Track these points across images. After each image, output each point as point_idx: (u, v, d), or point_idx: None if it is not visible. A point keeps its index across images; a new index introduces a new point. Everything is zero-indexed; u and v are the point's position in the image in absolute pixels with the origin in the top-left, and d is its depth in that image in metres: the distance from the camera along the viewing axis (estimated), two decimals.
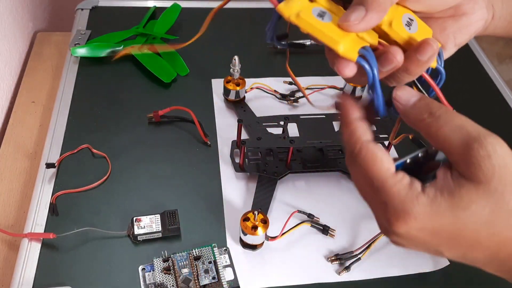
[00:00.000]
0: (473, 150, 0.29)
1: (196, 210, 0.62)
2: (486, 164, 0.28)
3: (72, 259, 0.56)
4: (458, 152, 0.30)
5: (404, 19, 0.36)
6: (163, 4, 0.93)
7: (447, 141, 0.30)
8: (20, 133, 0.76)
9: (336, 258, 0.58)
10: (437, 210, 0.29)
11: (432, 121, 0.31)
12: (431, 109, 0.32)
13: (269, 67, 0.84)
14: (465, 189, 0.29)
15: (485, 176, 0.28)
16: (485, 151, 0.29)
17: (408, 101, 0.33)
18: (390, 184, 0.31)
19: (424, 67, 0.34)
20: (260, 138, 0.66)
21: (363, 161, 0.32)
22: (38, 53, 0.90)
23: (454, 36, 0.39)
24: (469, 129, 0.30)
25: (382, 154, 0.32)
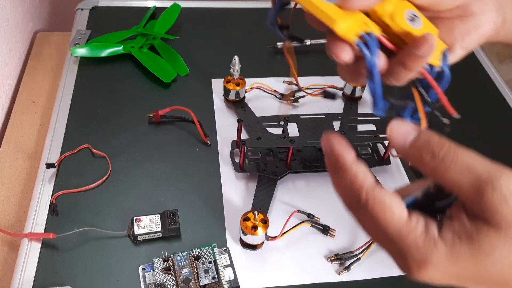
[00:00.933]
0: (487, 194, 0.26)
1: (196, 210, 0.62)
2: (504, 209, 0.26)
3: (72, 259, 0.56)
4: (470, 197, 0.27)
5: (408, 14, 0.35)
6: (163, 4, 0.93)
7: (456, 186, 0.28)
8: (20, 133, 0.76)
9: (336, 258, 0.58)
10: (457, 257, 0.28)
11: (436, 165, 0.28)
12: (433, 149, 0.29)
13: (269, 67, 0.84)
14: (484, 234, 0.27)
15: (505, 220, 0.26)
16: (499, 194, 0.26)
17: (405, 141, 0.30)
18: (405, 233, 0.29)
19: (420, 62, 0.33)
20: (260, 138, 0.66)
21: (372, 211, 0.29)
22: (38, 53, 0.90)
23: (462, 37, 0.38)
24: (478, 170, 0.27)
25: (390, 200, 0.29)
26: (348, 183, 0.30)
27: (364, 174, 0.30)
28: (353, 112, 0.75)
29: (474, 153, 0.28)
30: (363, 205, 0.29)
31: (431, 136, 0.29)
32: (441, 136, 0.29)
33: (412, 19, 0.35)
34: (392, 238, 0.29)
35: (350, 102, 0.77)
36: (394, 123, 0.30)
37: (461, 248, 0.27)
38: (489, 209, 0.26)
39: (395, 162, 0.69)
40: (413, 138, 0.30)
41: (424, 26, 0.35)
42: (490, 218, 0.27)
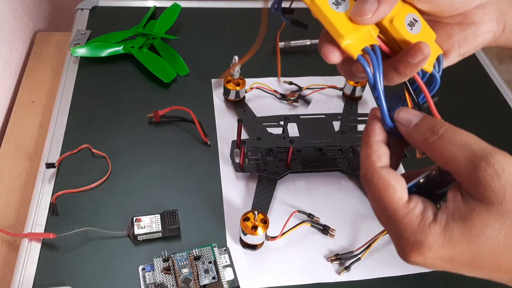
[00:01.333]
0: (480, 169, 0.28)
1: (196, 210, 0.62)
2: (496, 184, 0.27)
3: (72, 259, 0.56)
4: (465, 172, 0.29)
5: (408, 19, 0.35)
6: (163, 4, 0.93)
7: (453, 161, 0.29)
8: (20, 133, 0.76)
9: (336, 258, 0.58)
10: (450, 238, 0.29)
11: (436, 141, 0.30)
12: (433, 127, 0.31)
13: (269, 67, 0.84)
14: (477, 212, 0.28)
15: (496, 197, 0.27)
16: (493, 169, 0.27)
17: (410, 122, 0.32)
18: (402, 214, 0.30)
19: (414, 69, 0.33)
20: (260, 138, 0.66)
21: (375, 188, 0.31)
22: (38, 53, 0.90)
23: (459, 45, 0.38)
24: (474, 147, 0.29)
25: (395, 182, 0.31)
26: (364, 157, 0.33)
27: (380, 155, 0.32)
28: (353, 112, 0.75)
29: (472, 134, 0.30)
30: (368, 180, 0.32)
31: (434, 119, 0.32)
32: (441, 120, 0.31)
33: (411, 24, 0.35)
34: (390, 217, 0.31)
35: (350, 102, 0.77)
36: (402, 109, 0.33)
37: (454, 229, 0.29)
38: (482, 184, 0.28)
39: None
40: (418, 120, 0.32)
41: (422, 31, 0.35)
42: (483, 195, 0.28)
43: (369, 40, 0.33)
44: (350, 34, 0.32)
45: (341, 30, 0.32)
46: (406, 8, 0.36)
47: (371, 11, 0.32)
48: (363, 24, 0.32)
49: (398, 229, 0.30)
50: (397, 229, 0.31)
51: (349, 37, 0.32)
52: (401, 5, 0.36)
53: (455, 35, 0.38)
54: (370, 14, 0.32)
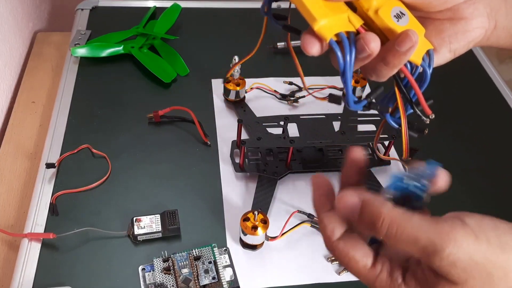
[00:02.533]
0: (436, 264, 0.28)
1: (196, 210, 0.62)
2: (455, 272, 0.27)
3: (72, 259, 0.56)
4: (423, 262, 0.29)
5: (394, 11, 0.35)
6: (163, 4, 0.93)
7: (408, 254, 0.30)
8: (20, 133, 0.76)
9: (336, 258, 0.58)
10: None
11: (385, 239, 0.29)
12: (375, 224, 0.29)
13: (269, 67, 0.84)
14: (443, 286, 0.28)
15: (459, 280, 0.28)
16: (446, 261, 0.27)
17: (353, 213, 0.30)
18: (371, 280, 0.31)
19: (402, 59, 0.33)
20: (260, 138, 0.66)
21: (339, 259, 0.32)
22: (38, 53, 0.90)
23: (450, 40, 0.38)
24: (423, 242, 0.28)
25: (354, 252, 0.31)
26: (322, 232, 0.33)
27: (332, 228, 0.32)
28: (353, 112, 0.75)
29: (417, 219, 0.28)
30: (331, 253, 0.33)
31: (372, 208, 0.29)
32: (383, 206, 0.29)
33: (398, 16, 0.35)
34: (362, 281, 0.32)
35: None
36: (342, 194, 0.31)
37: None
38: (441, 273, 0.28)
39: (395, 162, 0.69)
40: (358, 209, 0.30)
41: (410, 24, 0.35)
42: (446, 277, 0.28)
43: (346, 27, 0.33)
44: (324, 18, 0.32)
45: (315, 13, 0.32)
46: (393, 1, 0.35)
47: None
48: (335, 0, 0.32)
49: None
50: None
51: (322, 20, 0.32)
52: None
53: (445, 31, 0.38)
54: None
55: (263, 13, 0.39)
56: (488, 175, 0.70)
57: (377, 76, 0.35)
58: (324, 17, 0.32)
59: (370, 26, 0.35)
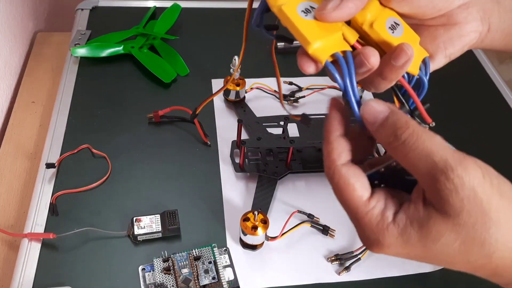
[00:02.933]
0: (439, 183, 0.28)
1: (196, 210, 0.62)
2: (454, 199, 0.27)
3: (72, 259, 0.56)
4: (425, 182, 0.29)
5: (389, 22, 0.35)
6: (163, 4, 0.93)
7: (415, 169, 0.29)
8: (20, 133, 0.76)
9: (336, 258, 0.58)
10: (407, 241, 0.30)
11: (398, 146, 0.30)
12: (397, 131, 0.30)
13: (269, 67, 0.84)
14: (433, 220, 0.29)
15: (454, 210, 0.28)
16: (452, 184, 0.27)
17: (375, 120, 0.31)
18: (361, 213, 0.31)
19: (399, 72, 0.33)
20: (260, 138, 0.66)
21: (336, 186, 0.32)
22: (38, 53, 0.90)
23: (445, 46, 0.38)
24: (436, 158, 0.28)
25: (354, 180, 0.31)
26: (325, 154, 0.33)
27: (340, 152, 0.32)
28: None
29: (439, 138, 0.29)
30: (330, 179, 0.32)
31: (399, 117, 0.30)
32: (410, 118, 0.30)
33: (393, 27, 0.35)
34: (350, 214, 0.32)
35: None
36: (369, 102, 0.32)
37: (411, 233, 0.29)
38: (441, 197, 0.28)
39: None
40: (383, 117, 0.31)
41: (405, 34, 0.35)
42: (441, 206, 0.28)
43: (341, 46, 0.32)
44: (317, 40, 0.31)
45: (308, 36, 0.31)
46: (386, 12, 0.35)
47: (334, 5, 0.32)
48: (326, 21, 0.32)
49: (359, 226, 0.32)
50: (358, 226, 0.32)
51: (316, 42, 0.31)
52: (381, 10, 0.35)
53: (440, 37, 0.38)
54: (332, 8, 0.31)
55: (255, 27, 0.39)
56: None
57: (375, 89, 0.35)
58: (318, 39, 0.31)
59: (365, 39, 0.35)
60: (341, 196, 0.32)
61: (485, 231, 0.28)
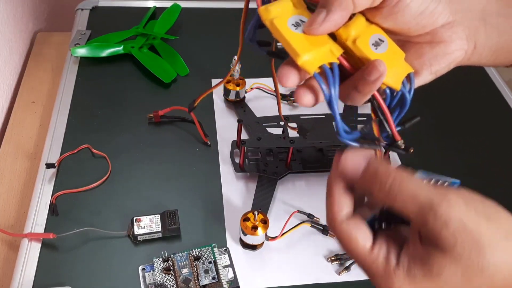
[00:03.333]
0: (429, 222, 0.29)
1: (196, 210, 0.62)
2: (445, 233, 0.29)
3: (72, 259, 0.56)
4: (416, 222, 0.30)
5: (373, 39, 0.35)
6: (163, 4, 0.93)
7: (404, 213, 0.31)
8: (20, 133, 0.76)
9: (336, 258, 0.58)
10: (414, 280, 0.30)
11: (384, 196, 0.31)
12: (380, 180, 0.31)
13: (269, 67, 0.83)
14: (433, 256, 0.30)
15: (448, 244, 0.29)
16: (439, 220, 0.29)
17: (357, 172, 0.33)
18: (368, 262, 0.32)
19: (372, 87, 0.34)
20: (260, 138, 0.66)
21: (339, 239, 0.33)
22: (38, 53, 0.90)
23: (430, 63, 0.39)
24: (421, 199, 0.30)
25: (356, 232, 0.32)
26: (327, 207, 0.34)
27: (341, 206, 0.33)
28: (353, 112, 0.75)
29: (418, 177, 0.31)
30: (332, 231, 0.34)
31: (378, 166, 0.32)
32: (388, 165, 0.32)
33: (377, 43, 0.35)
34: (359, 264, 0.33)
35: None
36: (346, 154, 0.33)
37: (415, 271, 0.30)
38: (434, 234, 0.29)
39: (394, 161, 0.69)
40: (363, 168, 0.32)
41: (389, 50, 0.35)
42: (437, 241, 0.29)
43: (329, 58, 0.34)
44: (307, 52, 0.33)
45: (297, 48, 0.33)
46: (372, 28, 0.36)
47: (321, 20, 0.33)
48: (314, 34, 0.33)
49: (369, 274, 0.33)
50: (368, 274, 0.33)
51: (305, 54, 0.33)
52: (367, 26, 0.36)
53: (425, 54, 0.38)
54: (318, 23, 0.33)
55: (248, 41, 0.40)
56: (488, 175, 0.70)
57: (351, 101, 0.36)
58: (307, 52, 0.33)
59: (349, 54, 0.35)
60: (346, 248, 0.33)
61: (482, 258, 0.28)
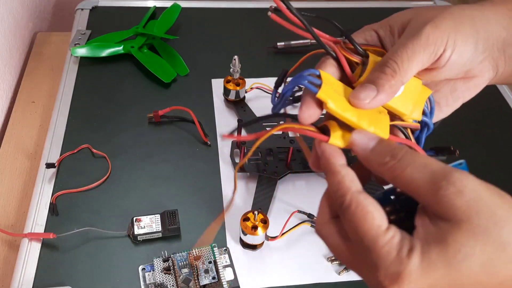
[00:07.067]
0: (442, 189, 0.27)
1: (196, 210, 0.62)
2: (460, 201, 0.27)
3: (72, 259, 0.56)
4: (427, 193, 0.28)
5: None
6: (163, 4, 0.93)
7: (413, 183, 0.29)
8: (20, 133, 0.76)
9: (336, 258, 0.58)
10: (428, 264, 0.27)
11: (395, 164, 0.30)
12: (393, 151, 0.30)
13: (269, 67, 0.84)
14: (448, 232, 0.27)
15: (463, 214, 0.27)
16: (454, 187, 0.27)
17: (367, 145, 0.32)
18: (381, 243, 0.29)
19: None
20: None
21: (352, 215, 0.30)
22: (38, 53, 0.90)
23: (463, 95, 0.41)
24: (433, 167, 0.28)
25: (373, 208, 0.29)
26: (335, 186, 0.31)
27: (352, 179, 0.31)
28: None
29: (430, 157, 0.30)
30: (345, 208, 0.30)
31: (392, 142, 0.32)
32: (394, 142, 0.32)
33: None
34: (368, 246, 0.29)
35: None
36: (357, 131, 0.33)
37: (430, 253, 0.28)
38: (446, 204, 0.27)
39: None
40: (375, 143, 0.32)
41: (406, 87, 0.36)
42: (449, 214, 0.27)
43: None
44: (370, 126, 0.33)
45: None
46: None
47: (369, 98, 0.33)
48: (359, 107, 0.33)
49: (376, 260, 0.29)
50: (375, 260, 0.29)
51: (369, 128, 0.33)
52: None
53: (459, 89, 0.40)
54: (368, 100, 0.33)
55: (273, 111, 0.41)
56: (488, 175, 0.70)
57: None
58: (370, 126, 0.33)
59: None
60: (358, 227, 0.29)
61: (500, 230, 0.27)
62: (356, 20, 0.41)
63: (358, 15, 0.96)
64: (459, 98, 0.41)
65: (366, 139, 0.32)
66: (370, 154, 0.32)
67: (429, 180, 0.28)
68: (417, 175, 0.29)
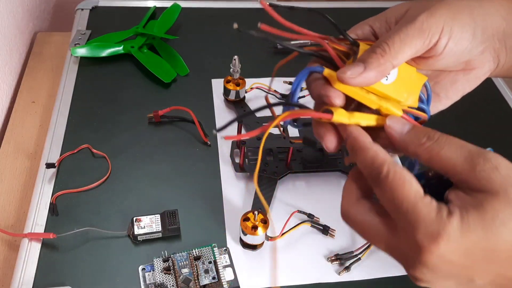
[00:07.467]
0: (479, 165, 0.30)
1: (196, 210, 0.62)
2: (497, 176, 0.29)
3: (72, 259, 0.56)
4: (463, 170, 0.30)
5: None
6: (163, 4, 0.93)
7: (451, 161, 0.31)
8: (20, 133, 0.76)
9: (336, 258, 0.58)
10: (468, 227, 0.29)
11: (432, 144, 0.32)
12: (429, 133, 0.32)
13: (269, 67, 0.83)
14: (486, 200, 0.29)
15: (500, 186, 0.29)
16: (491, 163, 0.29)
17: (402, 129, 0.34)
18: (420, 206, 0.30)
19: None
20: (260, 138, 0.66)
21: (391, 183, 0.31)
22: (38, 53, 0.90)
23: (464, 87, 0.41)
24: (469, 147, 0.31)
25: (410, 177, 0.31)
26: (370, 159, 0.32)
27: (385, 152, 0.33)
28: None
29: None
30: (383, 178, 0.31)
31: (425, 127, 0.33)
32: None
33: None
34: (407, 210, 0.30)
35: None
36: (391, 117, 0.35)
37: (469, 218, 0.29)
38: (484, 178, 0.29)
39: None
40: (409, 127, 0.34)
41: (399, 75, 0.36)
42: (487, 186, 0.29)
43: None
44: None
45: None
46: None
47: (355, 74, 0.34)
48: (346, 83, 0.34)
49: (416, 221, 0.29)
50: (415, 221, 0.29)
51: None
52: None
53: (459, 80, 0.40)
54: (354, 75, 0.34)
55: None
56: None
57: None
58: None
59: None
60: (397, 194, 0.30)
61: None
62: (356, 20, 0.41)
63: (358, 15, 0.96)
64: (459, 90, 0.41)
65: (401, 123, 0.34)
66: (406, 136, 0.33)
67: (466, 158, 0.30)
68: (454, 154, 0.31)
